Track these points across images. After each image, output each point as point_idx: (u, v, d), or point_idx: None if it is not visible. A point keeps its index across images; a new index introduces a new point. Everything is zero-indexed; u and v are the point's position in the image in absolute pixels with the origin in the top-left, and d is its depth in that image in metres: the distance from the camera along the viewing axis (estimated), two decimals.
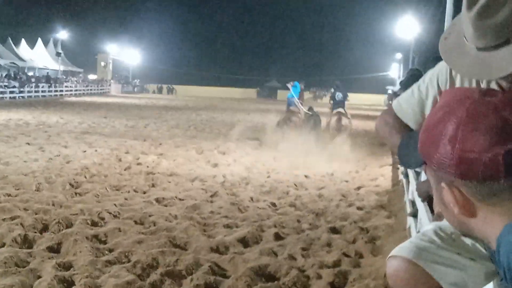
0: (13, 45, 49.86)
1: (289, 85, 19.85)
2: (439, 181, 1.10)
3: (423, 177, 4.75)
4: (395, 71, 66.07)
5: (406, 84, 4.74)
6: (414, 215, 5.08)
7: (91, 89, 59.87)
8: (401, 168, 9.83)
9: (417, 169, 5.91)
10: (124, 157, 12.31)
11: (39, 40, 56.41)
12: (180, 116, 27.91)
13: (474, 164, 1.00)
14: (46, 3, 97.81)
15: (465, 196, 1.06)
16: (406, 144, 1.28)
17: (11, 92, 40.13)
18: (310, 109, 18.98)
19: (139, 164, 11.56)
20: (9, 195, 7.82)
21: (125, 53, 74.39)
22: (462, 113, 1.03)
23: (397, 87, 46.15)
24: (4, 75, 43.52)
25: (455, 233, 1.67)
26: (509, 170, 0.98)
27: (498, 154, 0.97)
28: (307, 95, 66.94)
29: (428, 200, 3.32)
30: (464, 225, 1.13)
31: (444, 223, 1.83)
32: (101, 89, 62.91)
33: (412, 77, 4.65)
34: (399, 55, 59.20)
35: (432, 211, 3.52)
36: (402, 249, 1.65)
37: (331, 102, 20.61)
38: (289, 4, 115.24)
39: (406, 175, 7.68)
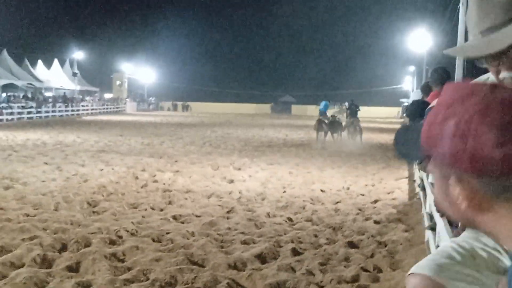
0: (30, 66, 50.54)
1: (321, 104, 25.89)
2: (446, 177, 1.08)
3: None
4: (408, 84, 65.87)
5: (413, 115, 4.74)
6: (432, 228, 5.03)
7: (107, 108, 60.36)
8: (418, 181, 9.75)
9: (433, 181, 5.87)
10: (140, 175, 12.35)
11: (56, 60, 57.12)
12: (195, 133, 28.01)
13: (488, 160, 0.99)
14: (62, 24, 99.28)
15: (476, 191, 1.04)
16: (404, 135, 1.27)
17: (28, 113, 40.57)
18: (333, 116, 24.17)
19: (155, 181, 11.59)
20: (28, 215, 7.87)
21: (140, 71, 75.03)
22: (474, 108, 1.02)
23: (410, 98, 46.05)
24: (21, 95, 44.06)
25: (473, 249, 1.65)
26: None
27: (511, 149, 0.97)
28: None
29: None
30: (471, 221, 1.12)
31: (462, 239, 1.81)
32: (116, 108, 63.40)
33: (417, 109, 4.64)
34: (412, 68, 59.06)
35: (451, 224, 3.48)
36: (421, 267, 1.62)
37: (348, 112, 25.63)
38: (302, 19, 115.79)
39: (423, 188, 7.61)
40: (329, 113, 25.83)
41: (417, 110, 3.23)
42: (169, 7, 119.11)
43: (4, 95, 41.93)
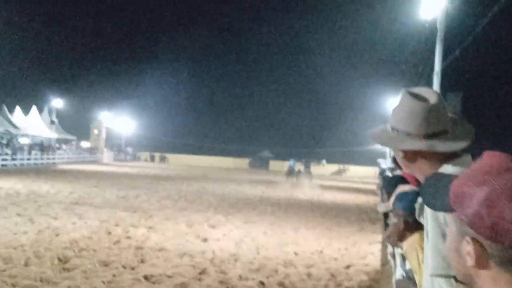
0: (7, 112, 50.31)
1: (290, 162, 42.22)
2: (462, 233, 1.21)
3: (408, 264, 4.84)
4: None
5: (388, 189, 4.93)
6: None
7: (83, 157, 60.08)
8: (389, 248, 9.89)
9: (404, 254, 6.00)
10: (113, 230, 12.31)
11: (34, 107, 56.97)
12: (172, 186, 27.96)
13: (506, 232, 1.12)
14: (42, 71, 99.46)
15: (486, 254, 1.17)
16: (433, 185, 1.38)
17: (3, 160, 40.19)
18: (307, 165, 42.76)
19: (128, 237, 11.55)
20: None
21: (118, 121, 75.12)
22: (507, 185, 1.15)
23: (388, 161, 46.49)
24: None
25: None
26: None
27: None
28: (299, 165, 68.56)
29: None
30: (469, 277, 1.23)
31: None
32: (93, 157, 63.16)
33: (393, 183, 4.82)
34: None
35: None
36: None
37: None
38: (284, 76, 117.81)
39: (394, 256, 7.74)
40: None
41: (395, 187, 3.41)
42: (151, 60, 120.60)
43: None
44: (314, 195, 28.41)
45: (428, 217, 1.74)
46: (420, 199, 1.79)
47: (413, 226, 2.79)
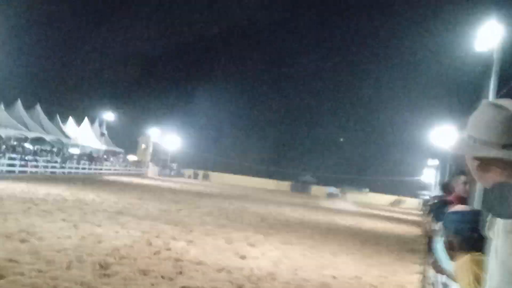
0: (60, 122, 51.72)
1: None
2: None
3: None
4: (427, 176, 65.68)
5: (436, 213, 4.82)
6: None
7: (129, 170, 61.08)
8: (430, 278, 9.60)
9: (447, 282, 5.79)
10: (154, 241, 12.36)
11: (86, 119, 58.44)
12: (213, 204, 28.03)
13: None
14: (96, 84, 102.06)
15: None
16: (500, 193, 1.32)
17: (52, 167, 41.22)
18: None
19: (168, 249, 11.58)
20: (40, 271, 7.91)
21: (166, 137, 76.15)
22: None
23: (432, 193, 45.59)
24: (48, 150, 44.87)
25: None
26: None
27: None
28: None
29: None
30: None
31: None
32: (139, 170, 64.14)
33: (441, 206, 4.72)
34: (432, 161, 59.03)
35: None
36: None
37: None
38: (329, 103, 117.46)
39: (434, 286, 7.49)
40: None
41: (442, 211, 3.29)
42: (201, 80, 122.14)
43: (31, 147, 42.75)
44: (354, 222, 28.01)
45: (499, 230, 1.66)
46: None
47: (463, 246, 2.68)
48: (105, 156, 58.29)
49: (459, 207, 2.97)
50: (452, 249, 2.76)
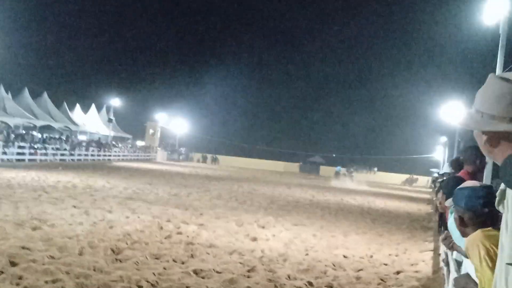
0: (68, 109, 51.90)
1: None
2: None
3: (463, 269, 4.68)
4: (439, 154, 65.27)
5: (447, 189, 4.79)
6: None
7: (138, 155, 61.34)
8: (443, 255, 9.62)
9: (458, 259, 5.81)
10: (165, 225, 12.44)
11: (93, 105, 58.60)
12: (223, 187, 28.12)
13: None
14: (102, 71, 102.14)
15: None
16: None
17: (62, 155, 41.45)
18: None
19: (179, 233, 11.65)
20: (52, 257, 7.99)
21: (173, 121, 76.24)
22: None
23: (441, 170, 45.38)
24: (56, 137, 45.09)
25: None
26: None
27: None
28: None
29: None
30: None
31: None
32: (147, 156, 64.40)
33: (451, 182, 4.69)
34: (443, 139, 58.70)
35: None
36: None
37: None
38: (337, 84, 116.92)
39: (447, 263, 7.51)
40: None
41: (454, 187, 3.28)
42: (208, 62, 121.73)
43: (40, 135, 42.97)
44: (365, 201, 28.04)
45: (509, 204, 1.65)
46: (501, 186, 1.70)
47: (474, 222, 2.68)
48: (113, 142, 58.51)
49: (469, 183, 2.96)
50: (463, 225, 2.76)
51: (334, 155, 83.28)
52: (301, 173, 73.36)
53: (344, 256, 10.84)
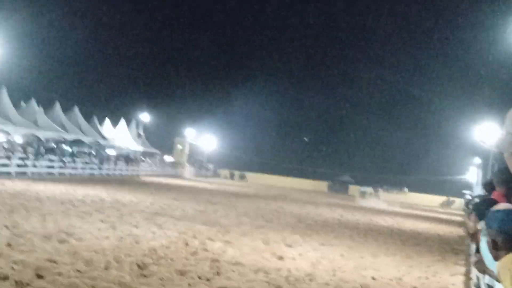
0: (97, 124, 52.60)
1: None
2: None
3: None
4: (472, 175, 64.21)
5: (479, 211, 4.70)
6: None
7: (166, 171, 61.77)
8: (474, 279, 9.42)
9: (490, 283, 5.68)
10: (191, 242, 12.46)
11: (122, 120, 59.19)
12: (250, 204, 28.08)
13: None
14: (132, 85, 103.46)
15: None
16: None
17: (91, 169, 41.99)
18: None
19: (205, 250, 11.65)
20: (79, 271, 8.06)
21: (202, 137, 76.68)
22: None
23: (475, 192, 44.59)
24: (86, 151, 45.69)
25: None
26: None
27: None
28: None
29: None
30: None
31: None
32: (175, 171, 64.82)
33: (484, 204, 4.60)
34: (477, 160, 57.80)
35: None
36: None
37: None
38: (368, 102, 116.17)
39: (479, 287, 7.35)
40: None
41: (487, 209, 3.21)
42: (239, 80, 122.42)
43: (70, 149, 43.61)
44: (394, 222, 27.70)
45: None
46: None
47: (508, 245, 2.62)
48: (142, 157, 59.03)
49: (502, 205, 2.90)
50: (495, 249, 2.70)
51: (363, 174, 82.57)
52: (330, 192, 72.91)
53: (373, 278, 10.70)
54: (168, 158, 71.01)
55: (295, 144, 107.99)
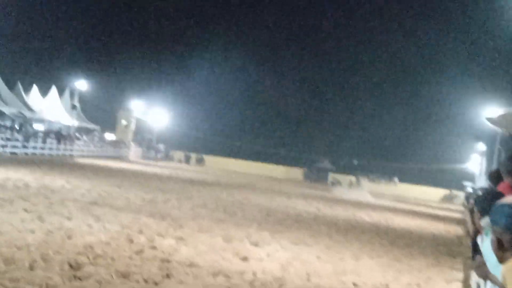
0: (22, 91, 51.62)
1: None
2: None
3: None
4: (474, 164, 65.35)
5: (483, 205, 4.78)
6: None
7: (106, 151, 61.32)
8: (474, 286, 9.62)
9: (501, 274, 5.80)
10: (136, 238, 12.43)
11: (54, 88, 58.25)
12: (208, 194, 28.14)
13: None
14: (66, 47, 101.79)
15: None
16: None
17: (13, 147, 41.33)
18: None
19: (153, 248, 11.65)
20: None
21: (151, 112, 76.10)
22: None
23: (477, 184, 45.40)
24: (8, 126, 44.95)
25: None
26: None
27: None
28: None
29: None
30: None
31: None
32: (118, 152, 64.39)
33: (489, 198, 4.67)
34: (481, 146, 58.76)
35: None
36: None
37: None
38: (354, 76, 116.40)
39: None
40: None
41: (492, 204, 3.22)
42: (198, 43, 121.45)
43: None
44: (381, 218, 28.11)
45: None
46: None
47: None
48: (76, 134, 58.41)
49: (510, 199, 2.94)
50: (501, 249, 2.75)
51: (345, 161, 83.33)
52: (306, 181, 73.51)
53: (354, 284, 10.85)
54: (109, 136, 70.42)
55: (264, 124, 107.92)
